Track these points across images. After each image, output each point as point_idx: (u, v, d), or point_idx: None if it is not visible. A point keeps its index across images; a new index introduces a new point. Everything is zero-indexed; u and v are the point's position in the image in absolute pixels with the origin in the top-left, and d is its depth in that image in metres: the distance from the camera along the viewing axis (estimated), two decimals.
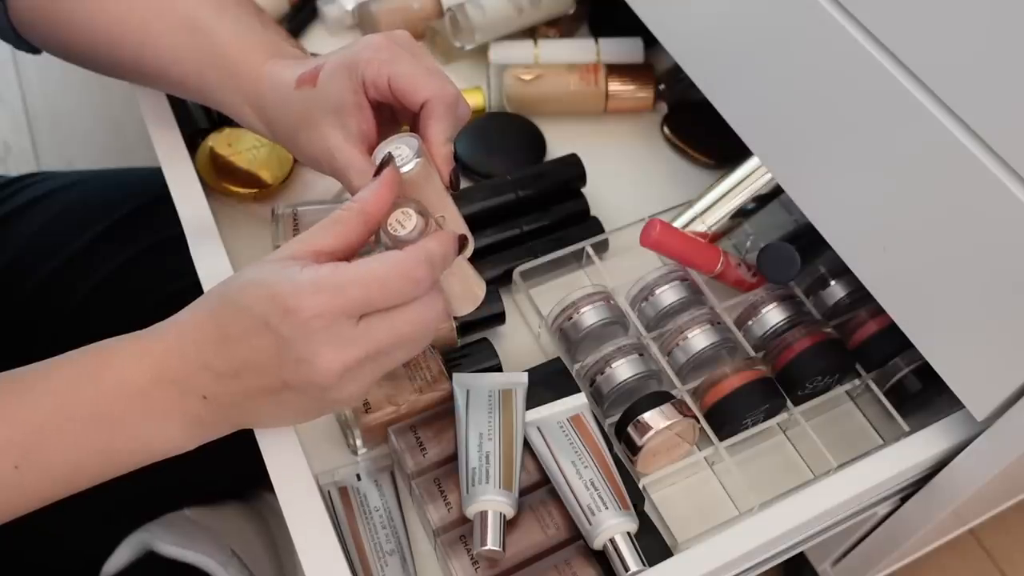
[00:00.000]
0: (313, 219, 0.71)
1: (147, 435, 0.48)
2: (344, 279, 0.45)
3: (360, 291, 0.45)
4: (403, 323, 0.47)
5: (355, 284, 0.45)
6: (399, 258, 0.46)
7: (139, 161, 0.91)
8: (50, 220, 0.77)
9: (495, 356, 0.67)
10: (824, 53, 0.56)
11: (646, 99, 0.86)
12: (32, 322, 0.73)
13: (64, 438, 0.47)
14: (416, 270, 0.46)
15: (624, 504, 0.57)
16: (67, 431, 0.46)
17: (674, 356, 0.67)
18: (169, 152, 0.70)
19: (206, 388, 0.48)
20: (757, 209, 0.75)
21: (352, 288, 0.45)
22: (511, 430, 0.60)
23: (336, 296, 0.45)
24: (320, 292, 0.45)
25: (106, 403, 0.47)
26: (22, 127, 1.37)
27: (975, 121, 0.48)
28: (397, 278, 0.46)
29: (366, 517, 0.61)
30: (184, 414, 0.48)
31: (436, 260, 0.47)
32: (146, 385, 0.47)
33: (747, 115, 0.66)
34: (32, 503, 0.48)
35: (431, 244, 0.48)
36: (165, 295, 0.73)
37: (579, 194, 0.78)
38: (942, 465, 0.62)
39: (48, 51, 0.66)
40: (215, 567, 0.71)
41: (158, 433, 0.48)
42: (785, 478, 0.65)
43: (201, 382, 0.48)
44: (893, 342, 0.63)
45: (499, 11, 0.87)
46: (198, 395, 0.48)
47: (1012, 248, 0.49)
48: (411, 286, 0.46)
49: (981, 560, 0.96)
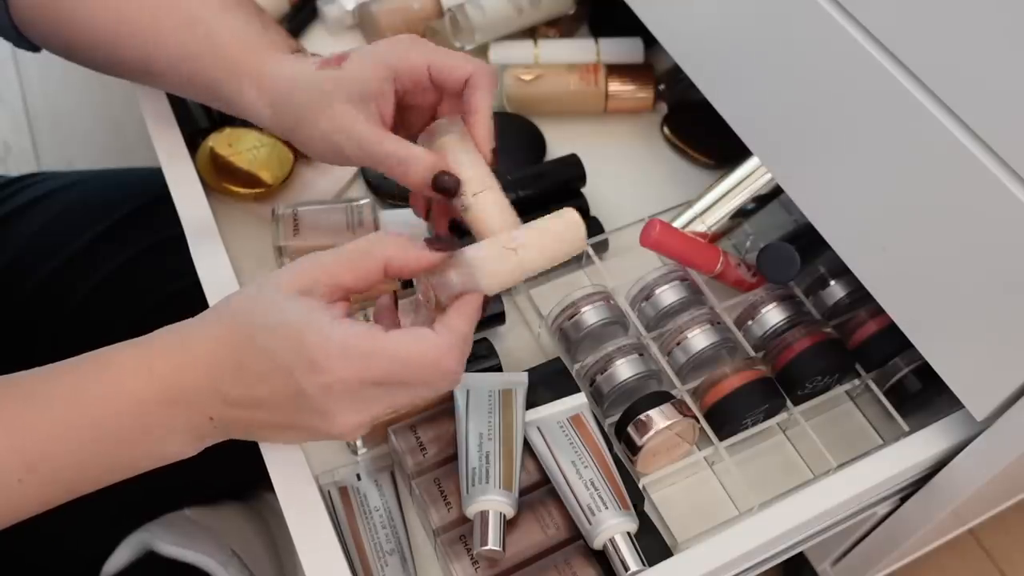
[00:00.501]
0: (313, 219, 0.71)
1: (151, 448, 0.49)
2: (374, 349, 0.46)
3: (387, 367, 0.46)
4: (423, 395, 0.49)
5: (384, 359, 0.46)
6: (432, 345, 0.47)
7: (139, 161, 0.91)
8: (50, 220, 0.77)
9: (495, 356, 0.67)
10: (824, 53, 0.56)
11: (646, 99, 0.86)
12: (32, 322, 0.73)
13: (67, 450, 0.46)
14: (448, 361, 0.47)
15: (624, 504, 0.57)
16: (71, 444, 0.46)
17: (674, 356, 0.67)
18: (169, 152, 0.70)
19: (215, 411, 0.48)
20: (757, 209, 0.75)
21: (381, 362, 0.46)
22: (511, 430, 0.60)
23: (363, 368, 0.46)
24: (348, 359, 0.45)
25: (110, 419, 0.47)
26: (22, 127, 1.37)
27: (975, 121, 0.48)
28: (428, 367, 0.47)
29: (366, 517, 0.61)
30: (189, 430, 0.49)
31: (468, 343, 0.48)
32: (152, 403, 0.47)
33: (747, 115, 0.66)
34: (33, 510, 0.48)
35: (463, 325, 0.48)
36: (165, 295, 0.73)
37: (579, 194, 0.78)
38: (942, 465, 0.62)
39: (49, 49, 0.66)
40: (215, 567, 0.71)
41: (162, 446, 0.49)
42: (785, 478, 0.65)
43: (210, 405, 0.48)
44: (893, 342, 0.63)
45: (499, 11, 0.87)
46: (205, 416, 0.48)
47: (1012, 248, 0.49)
48: (438, 376, 0.47)
49: (981, 560, 0.96)
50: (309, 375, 0.46)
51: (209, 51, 0.59)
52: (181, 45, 0.60)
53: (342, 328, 0.46)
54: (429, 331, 0.47)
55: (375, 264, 0.49)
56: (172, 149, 0.70)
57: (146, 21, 0.60)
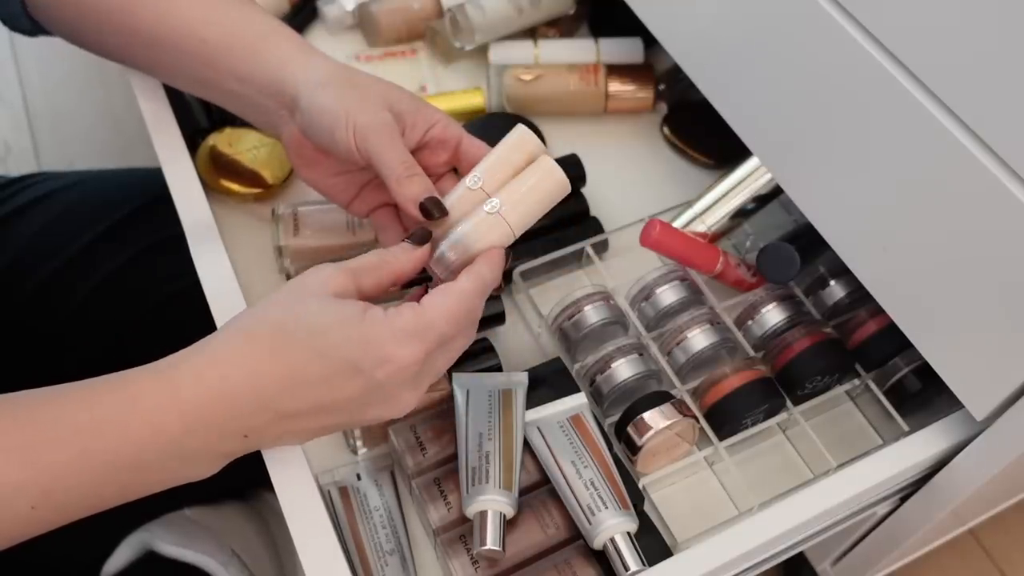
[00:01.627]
0: (313, 219, 0.71)
1: (172, 473, 0.48)
2: (427, 323, 0.48)
3: (441, 331, 0.49)
4: (456, 351, 0.51)
5: (436, 326, 0.49)
6: (465, 294, 0.50)
7: (139, 161, 0.91)
8: (50, 220, 0.77)
9: (495, 356, 0.67)
10: (824, 53, 0.56)
11: (646, 99, 0.86)
12: (32, 322, 0.73)
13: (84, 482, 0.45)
14: (476, 301, 0.51)
15: (624, 504, 0.57)
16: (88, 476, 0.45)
17: (674, 356, 0.67)
18: (169, 152, 0.70)
19: (255, 428, 0.48)
20: (757, 209, 0.75)
21: (434, 330, 0.49)
22: (511, 430, 0.60)
23: (425, 341, 0.48)
24: (414, 340, 0.48)
25: (132, 453, 0.45)
26: (22, 127, 1.37)
27: (975, 121, 0.48)
28: (465, 315, 0.50)
29: (366, 517, 0.61)
30: (216, 454, 0.48)
31: (490, 287, 0.52)
32: (178, 434, 0.46)
33: (747, 115, 0.66)
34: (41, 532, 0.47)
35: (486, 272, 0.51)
36: (165, 295, 0.73)
37: (579, 194, 0.78)
38: (941, 465, 0.62)
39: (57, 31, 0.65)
40: (215, 567, 0.71)
41: (184, 472, 0.48)
42: (785, 478, 0.65)
43: (252, 424, 0.47)
44: (893, 342, 0.63)
45: (499, 11, 0.87)
46: (240, 435, 0.48)
47: (1011, 248, 0.49)
48: (471, 320, 0.51)
49: (981, 560, 0.96)
50: (379, 367, 0.47)
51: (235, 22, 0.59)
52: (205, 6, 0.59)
53: (395, 316, 0.48)
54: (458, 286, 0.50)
55: (392, 273, 0.52)
56: (172, 149, 0.70)
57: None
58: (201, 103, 0.80)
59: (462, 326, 0.50)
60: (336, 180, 0.60)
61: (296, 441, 0.52)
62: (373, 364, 0.47)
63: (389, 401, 0.49)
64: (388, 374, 0.48)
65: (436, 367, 0.51)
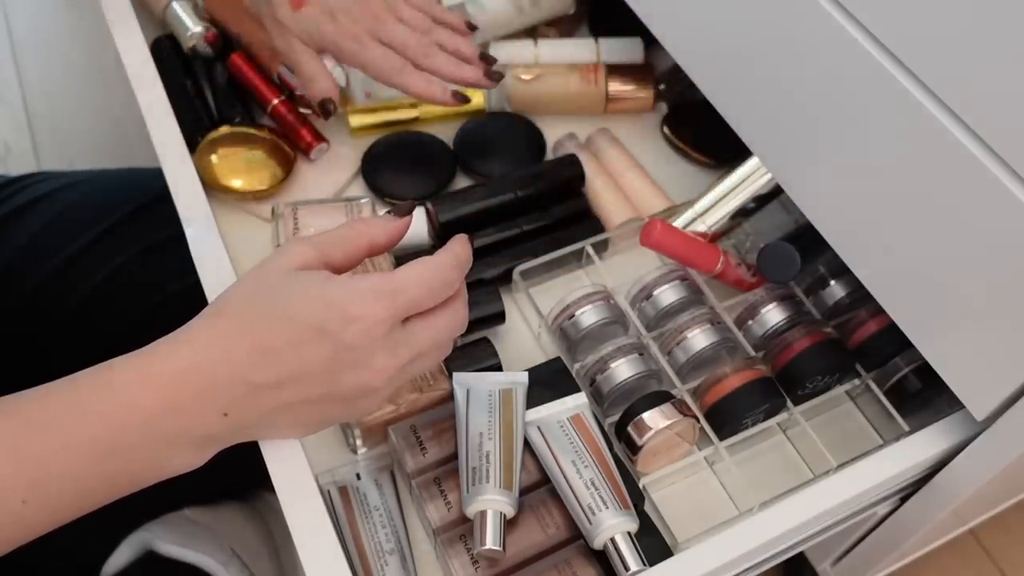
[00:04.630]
0: (313, 218, 0.71)
1: (157, 461, 0.48)
2: (397, 284, 0.48)
3: (412, 293, 0.48)
4: (439, 327, 0.51)
5: (407, 288, 0.48)
6: (438, 262, 0.50)
7: (139, 161, 0.91)
8: (50, 220, 0.77)
9: (495, 356, 0.67)
10: (824, 53, 0.56)
11: (646, 99, 0.86)
12: (32, 322, 0.73)
13: (70, 470, 0.45)
14: (451, 273, 0.50)
15: (624, 504, 0.57)
16: (73, 464, 0.45)
17: (674, 356, 0.67)
18: (169, 152, 0.70)
19: (233, 404, 0.47)
20: (757, 209, 0.75)
21: (405, 292, 0.48)
22: (511, 430, 0.60)
23: (394, 301, 0.48)
24: (380, 299, 0.47)
25: (114, 435, 0.46)
26: (22, 127, 1.37)
27: (975, 121, 0.48)
28: (439, 282, 0.49)
29: (366, 517, 0.61)
30: (197, 436, 0.48)
31: (463, 263, 0.51)
32: (157, 413, 0.46)
33: (747, 115, 0.66)
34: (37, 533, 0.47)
35: (458, 248, 0.51)
36: (165, 295, 0.73)
37: (579, 194, 0.78)
38: (942, 465, 0.62)
39: None
40: (215, 567, 0.71)
41: (168, 458, 0.48)
42: (785, 478, 0.65)
43: (229, 398, 0.47)
44: (893, 342, 0.63)
45: (499, 11, 0.87)
46: (219, 412, 0.47)
47: (1012, 248, 0.49)
48: (447, 288, 0.50)
49: (981, 560, 0.96)
50: (347, 325, 0.47)
51: None
52: None
53: (360, 279, 0.48)
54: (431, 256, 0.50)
55: (363, 242, 0.52)
56: (172, 149, 0.70)
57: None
58: (201, 103, 0.80)
59: (436, 294, 0.50)
60: None
61: (285, 429, 0.51)
62: (339, 325, 0.46)
63: (360, 366, 0.48)
64: (354, 334, 0.47)
65: (416, 337, 0.50)
